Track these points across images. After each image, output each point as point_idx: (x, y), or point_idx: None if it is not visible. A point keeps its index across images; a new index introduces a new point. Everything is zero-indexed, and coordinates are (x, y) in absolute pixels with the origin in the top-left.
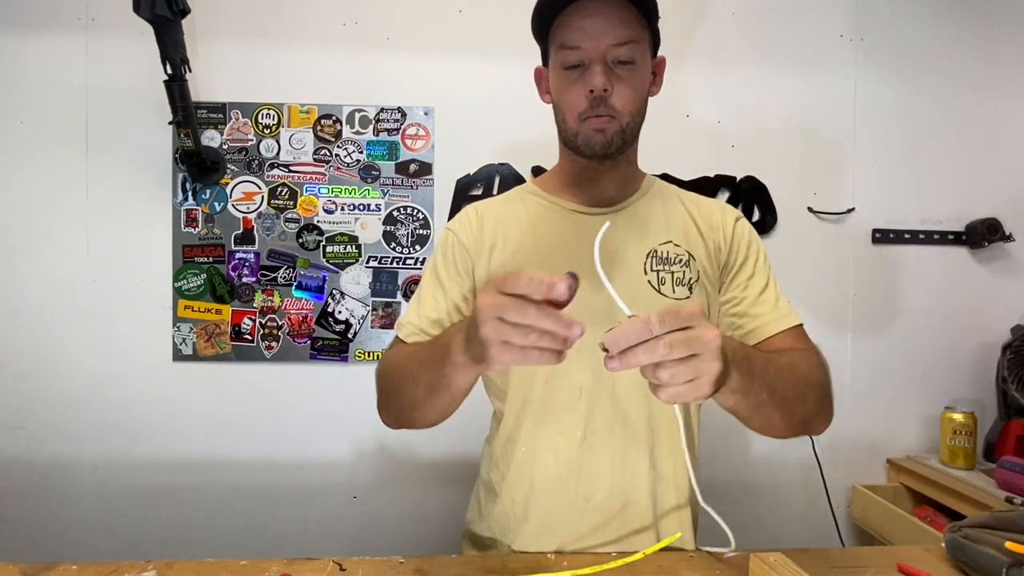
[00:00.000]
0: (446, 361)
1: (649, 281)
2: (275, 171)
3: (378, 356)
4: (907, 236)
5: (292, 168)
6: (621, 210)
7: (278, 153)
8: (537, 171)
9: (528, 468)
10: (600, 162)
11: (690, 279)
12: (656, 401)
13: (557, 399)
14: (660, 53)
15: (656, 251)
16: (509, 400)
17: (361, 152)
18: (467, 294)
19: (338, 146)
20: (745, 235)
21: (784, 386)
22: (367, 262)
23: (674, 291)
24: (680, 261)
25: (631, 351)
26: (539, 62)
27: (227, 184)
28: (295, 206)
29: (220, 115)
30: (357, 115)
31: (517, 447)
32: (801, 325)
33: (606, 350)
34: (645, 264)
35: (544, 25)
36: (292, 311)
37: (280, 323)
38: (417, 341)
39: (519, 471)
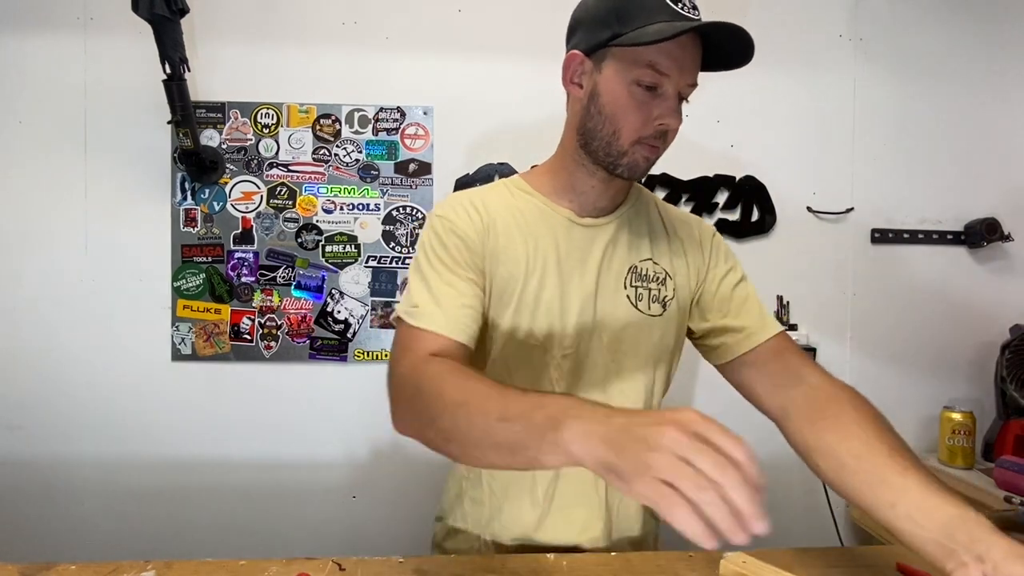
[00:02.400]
0: (544, 440)
1: (628, 296)
2: (274, 171)
3: (377, 356)
4: (906, 236)
5: (291, 168)
6: (610, 222)
7: (277, 153)
8: None
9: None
10: (608, 174)
11: (665, 297)
12: (626, 396)
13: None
14: None
15: (636, 267)
16: None
17: (360, 152)
18: (478, 295)
19: (337, 146)
20: (723, 249)
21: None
22: (366, 262)
23: (649, 307)
24: (657, 279)
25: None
26: (540, 62)
27: (226, 184)
28: (294, 206)
29: (219, 115)
30: (356, 115)
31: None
32: (785, 332)
33: None
34: (625, 279)
35: (630, 25)
36: (291, 311)
37: (279, 323)
38: (454, 334)
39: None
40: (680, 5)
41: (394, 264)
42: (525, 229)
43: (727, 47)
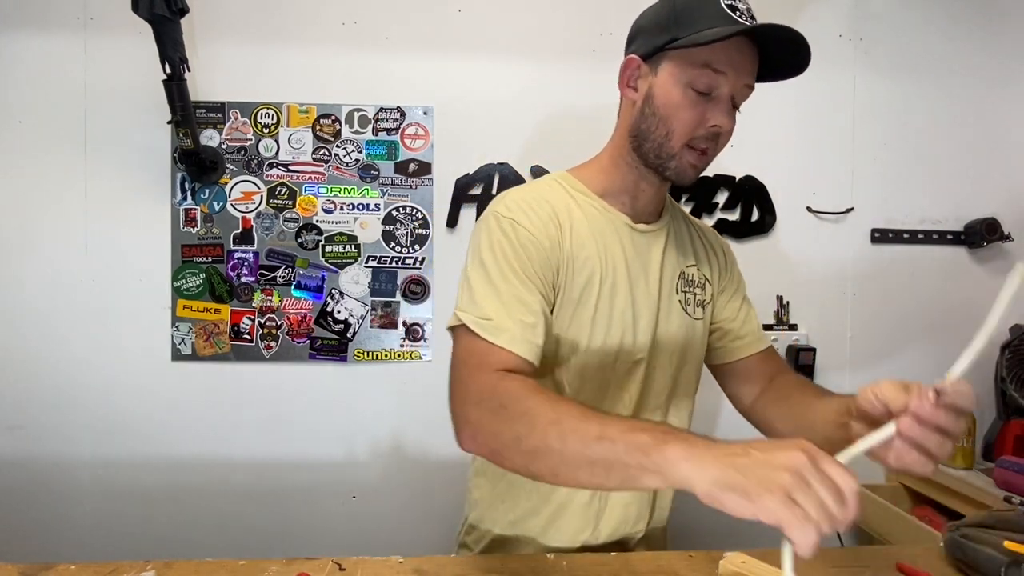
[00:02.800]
0: (649, 458)
1: (679, 301)
2: (274, 171)
3: (377, 356)
4: (906, 236)
5: (291, 168)
6: (661, 229)
7: (277, 153)
8: (537, 171)
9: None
10: (659, 176)
11: (703, 301)
12: (660, 414)
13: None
14: None
15: (684, 273)
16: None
17: (360, 152)
18: (546, 310)
19: (337, 146)
20: (735, 261)
21: None
22: (366, 262)
23: (695, 312)
24: (700, 284)
25: (956, 416)
26: (540, 62)
27: (226, 184)
28: (294, 206)
29: (219, 115)
30: (356, 115)
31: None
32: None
33: (940, 392)
34: (676, 284)
35: (688, 30)
36: (291, 311)
37: (279, 323)
38: (527, 354)
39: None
40: (738, 13)
41: (394, 264)
42: (596, 233)
43: (782, 55)
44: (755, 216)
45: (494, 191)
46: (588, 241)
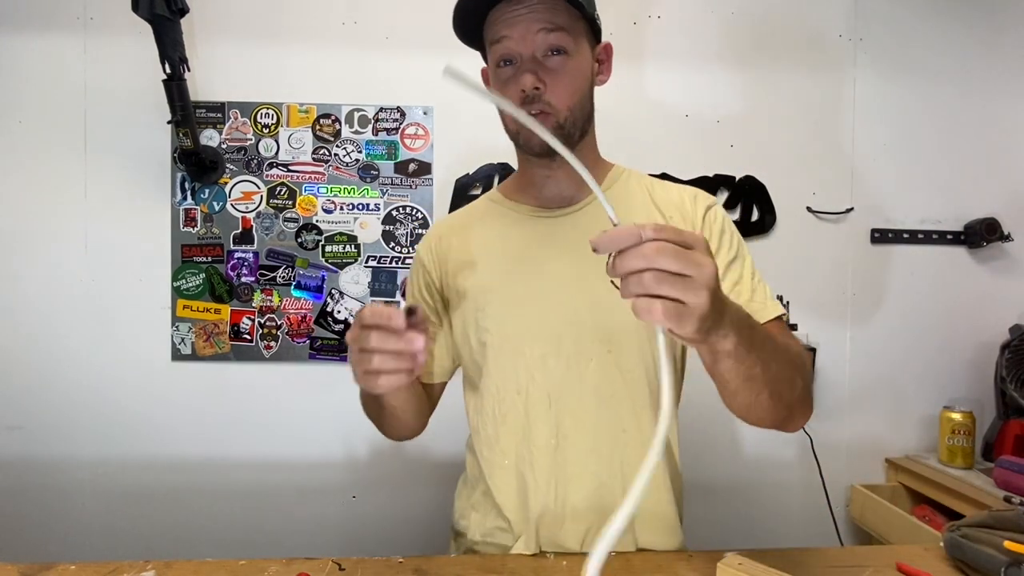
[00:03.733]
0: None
1: (613, 282)
2: (274, 171)
3: None
4: (906, 236)
5: (291, 168)
6: (582, 208)
7: (277, 153)
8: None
9: (510, 480)
10: (550, 159)
11: None
12: (626, 403)
13: (529, 409)
14: (608, 40)
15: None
16: (485, 414)
17: (360, 152)
18: (431, 314)
19: (337, 145)
20: (717, 223)
21: (778, 364)
22: (366, 261)
23: None
24: None
25: (620, 257)
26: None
27: (226, 184)
28: (294, 206)
29: (219, 114)
30: (356, 114)
31: (498, 460)
32: (781, 317)
33: (595, 250)
34: (608, 263)
35: (475, 27)
36: (291, 311)
37: (279, 323)
38: None
39: (503, 483)
40: None
41: (394, 264)
42: (491, 236)
43: None
44: (755, 216)
45: None
46: (479, 240)
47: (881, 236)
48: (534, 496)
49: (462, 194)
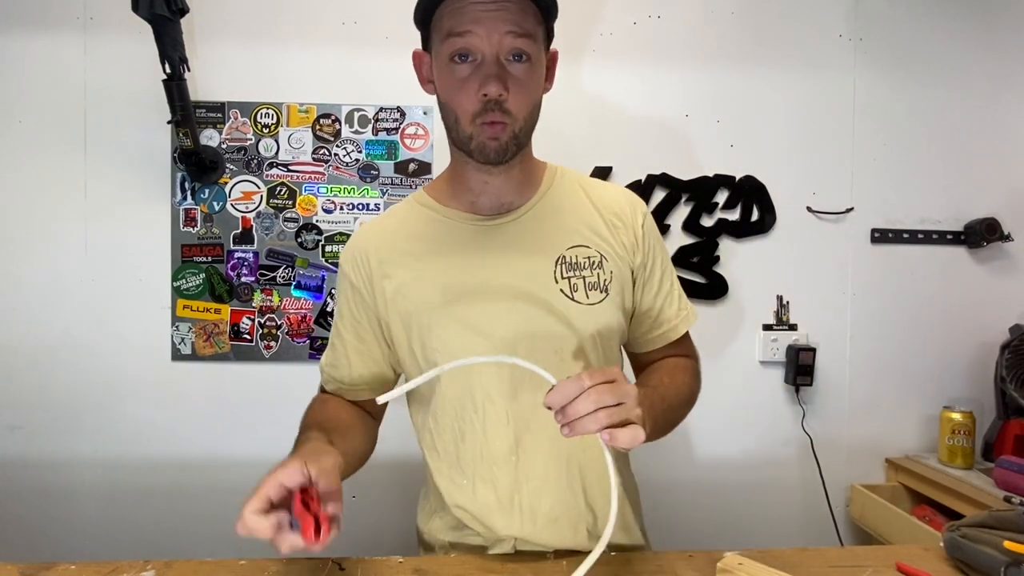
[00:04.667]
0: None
1: (561, 290)
2: (274, 170)
3: None
4: (906, 236)
5: (291, 167)
6: (524, 215)
7: (277, 152)
8: None
9: (471, 498)
10: (493, 165)
11: (604, 281)
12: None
13: (488, 427)
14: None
15: (565, 257)
16: (443, 434)
17: (360, 151)
18: (365, 333)
19: (337, 145)
20: (653, 232)
21: (676, 410)
22: None
23: (588, 296)
24: (591, 264)
25: (571, 405)
26: None
27: (226, 183)
28: (294, 205)
29: (219, 114)
30: (356, 114)
31: (457, 479)
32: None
33: (549, 407)
34: (555, 272)
35: (428, 8)
36: (291, 311)
37: (279, 323)
38: (332, 390)
39: (465, 501)
40: None
41: None
42: (423, 243)
43: None
44: (755, 216)
45: None
46: (408, 248)
47: (881, 236)
48: (499, 512)
49: None
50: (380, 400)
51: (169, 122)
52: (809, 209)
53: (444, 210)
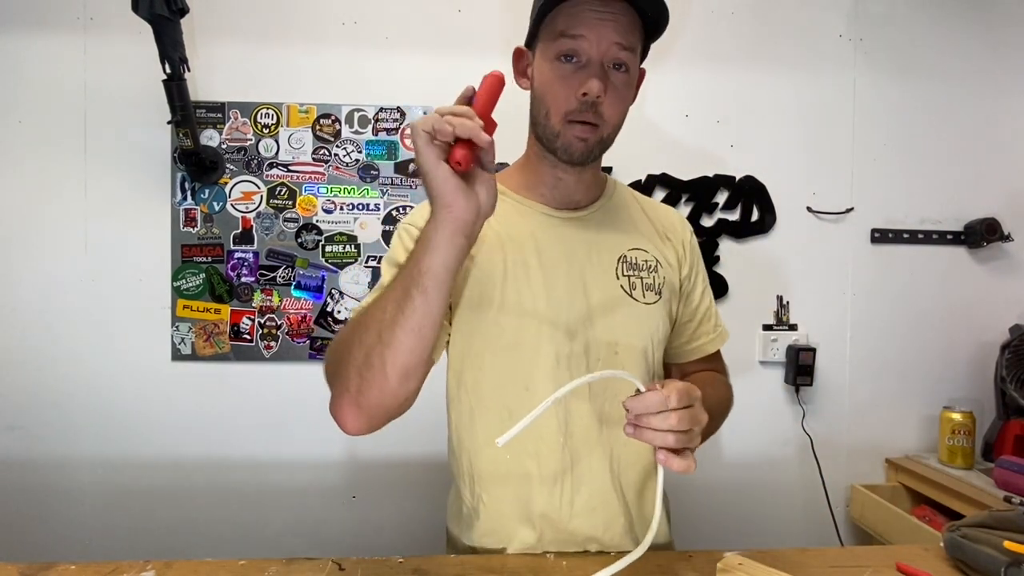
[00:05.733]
0: (414, 261)
1: (622, 286)
2: (274, 171)
3: None
4: (906, 236)
5: (291, 168)
6: (592, 214)
7: (277, 153)
8: None
9: (510, 476)
10: (572, 166)
11: (659, 284)
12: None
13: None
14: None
15: (626, 256)
16: (486, 410)
17: (360, 152)
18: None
19: (337, 146)
20: (697, 248)
21: (714, 421)
22: (366, 262)
23: (644, 296)
24: (648, 266)
25: (646, 417)
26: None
27: (226, 184)
28: (294, 206)
29: (219, 115)
30: (356, 115)
31: (502, 453)
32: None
33: (628, 410)
34: (617, 269)
35: (546, 7)
36: (291, 311)
37: (279, 323)
38: None
39: (506, 477)
40: None
41: None
42: (498, 228)
43: (649, 9)
44: (755, 216)
45: None
46: (489, 237)
47: (881, 236)
48: (539, 493)
49: None
50: (501, 442)
51: (169, 122)
52: (809, 209)
53: (517, 196)
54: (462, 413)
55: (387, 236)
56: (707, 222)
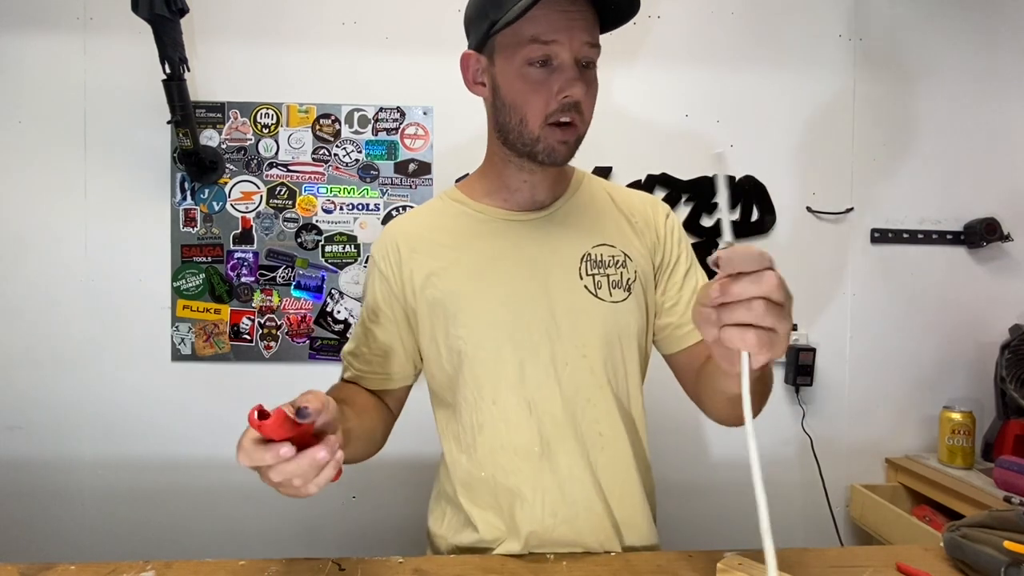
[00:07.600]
0: None
1: (585, 286)
2: (274, 171)
3: None
4: (906, 236)
5: (291, 168)
6: (554, 213)
7: (277, 153)
8: None
9: (488, 491)
10: (544, 168)
11: (627, 280)
12: (601, 407)
13: (509, 417)
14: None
15: (590, 254)
16: (462, 424)
17: (360, 152)
18: (390, 324)
19: (337, 146)
20: (676, 231)
21: (766, 389)
22: (366, 261)
23: (611, 294)
24: (615, 263)
25: (738, 279)
26: None
27: (226, 184)
28: (294, 206)
29: (219, 114)
30: (356, 115)
31: (477, 470)
32: None
33: (717, 266)
34: (580, 268)
35: (502, 9)
36: (291, 311)
37: (279, 323)
38: (351, 377)
39: (485, 492)
40: None
41: None
42: (455, 239)
43: (614, 1)
44: (755, 216)
45: None
46: (441, 244)
47: (881, 236)
48: (520, 506)
49: None
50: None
51: (169, 122)
52: (809, 209)
53: (476, 205)
54: (440, 426)
55: None
56: (707, 222)
